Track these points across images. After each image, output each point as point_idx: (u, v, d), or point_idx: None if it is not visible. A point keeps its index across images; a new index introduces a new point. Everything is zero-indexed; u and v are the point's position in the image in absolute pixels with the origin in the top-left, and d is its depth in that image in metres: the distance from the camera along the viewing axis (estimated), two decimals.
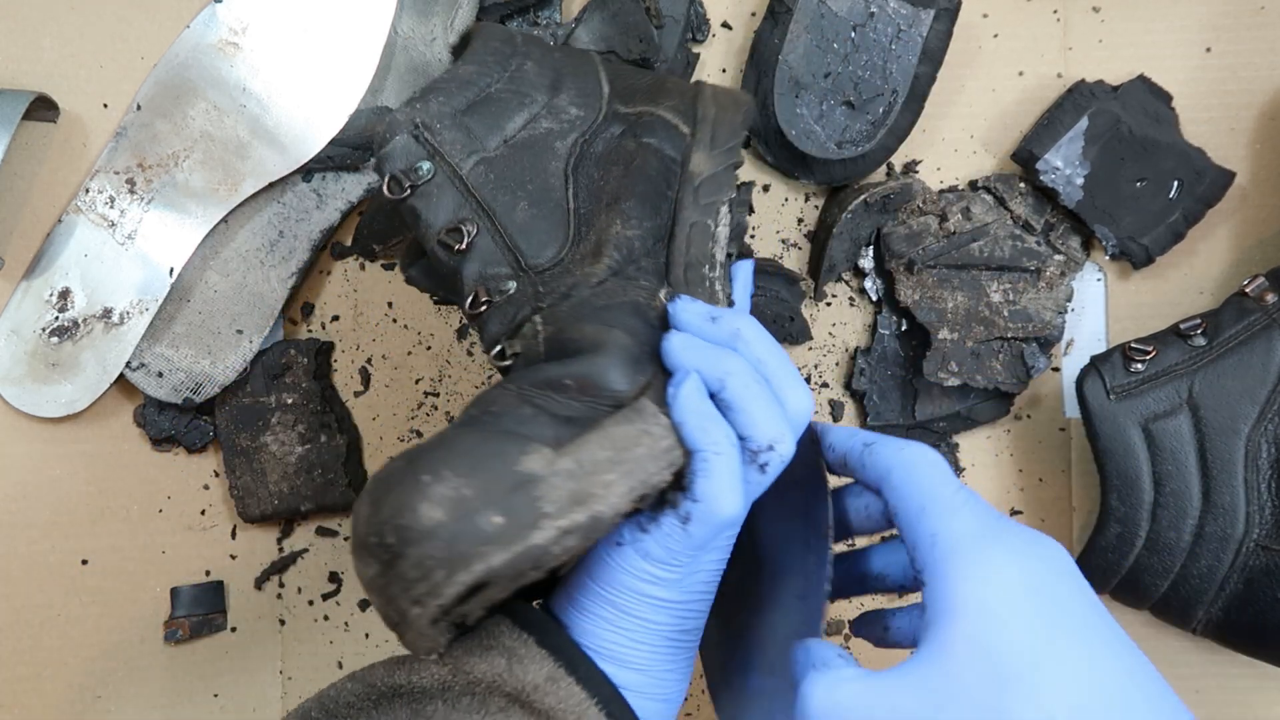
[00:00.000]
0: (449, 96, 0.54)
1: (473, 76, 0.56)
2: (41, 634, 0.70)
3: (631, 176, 0.52)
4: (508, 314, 0.51)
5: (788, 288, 0.69)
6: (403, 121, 0.53)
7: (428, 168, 0.52)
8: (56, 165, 0.69)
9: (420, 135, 0.53)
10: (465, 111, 0.54)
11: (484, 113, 0.54)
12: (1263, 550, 0.62)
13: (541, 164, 0.53)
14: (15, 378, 0.68)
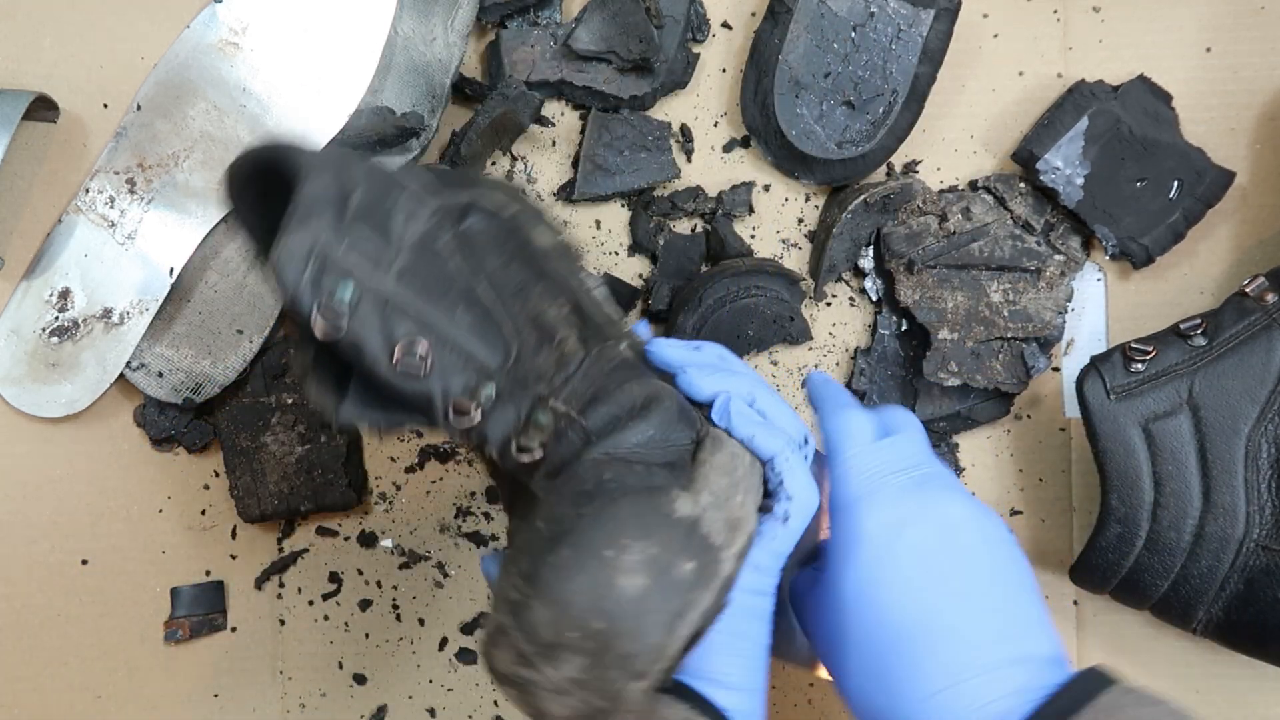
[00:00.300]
0: (321, 217, 0.48)
1: (323, 189, 0.49)
2: (42, 634, 0.70)
3: (517, 259, 0.52)
4: (508, 414, 0.49)
5: (788, 288, 0.69)
6: (293, 257, 0.46)
7: (351, 291, 0.47)
8: (56, 165, 0.69)
9: (325, 259, 0.47)
10: (344, 226, 0.48)
11: (367, 219, 0.49)
12: (1263, 550, 0.62)
13: (440, 264, 0.50)
14: (15, 378, 0.68)
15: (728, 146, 0.71)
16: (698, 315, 0.67)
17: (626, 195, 0.71)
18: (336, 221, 0.47)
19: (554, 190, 0.71)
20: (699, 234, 0.71)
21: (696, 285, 0.68)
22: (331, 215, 0.47)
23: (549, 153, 0.72)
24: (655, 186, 0.71)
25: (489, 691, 0.72)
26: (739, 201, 0.70)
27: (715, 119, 0.72)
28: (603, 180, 0.70)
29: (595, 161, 0.70)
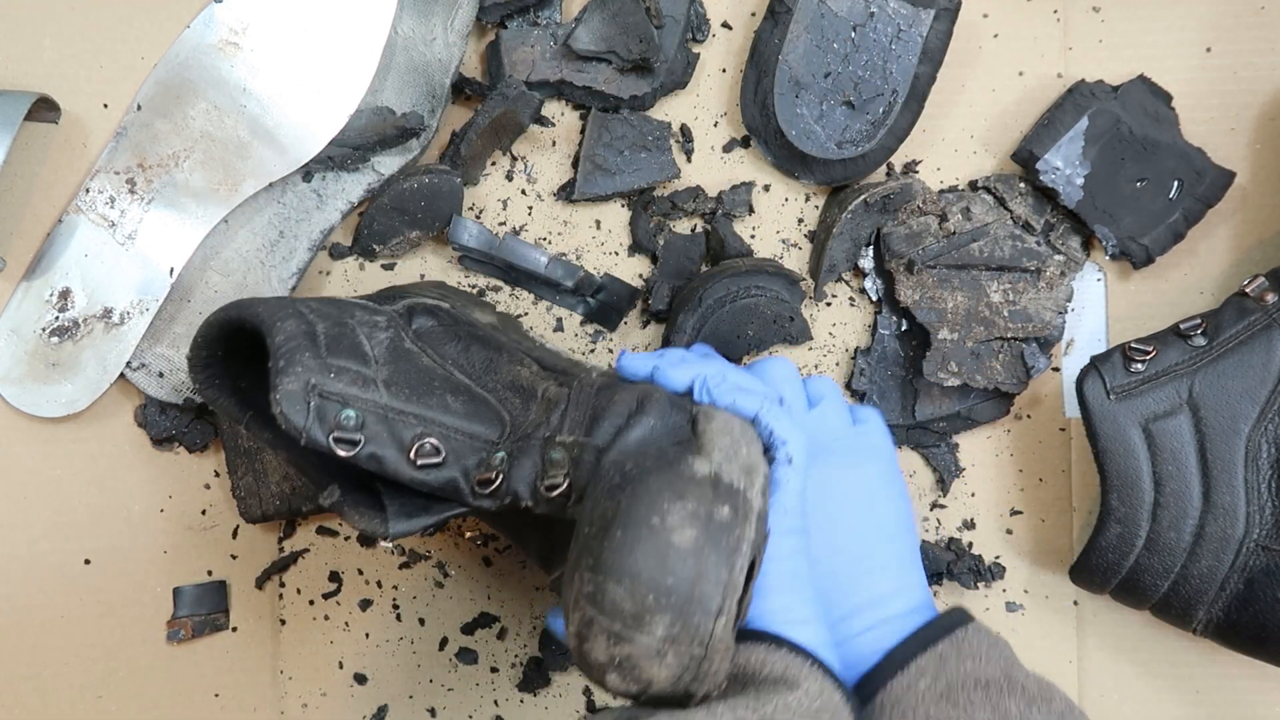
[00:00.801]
0: (303, 357, 0.53)
1: (289, 337, 0.54)
2: (43, 634, 0.70)
3: (474, 342, 0.60)
4: (526, 466, 0.54)
5: (788, 288, 0.69)
6: (295, 396, 0.52)
7: (353, 415, 0.53)
8: (57, 165, 0.69)
9: (320, 396, 0.52)
10: (323, 360, 0.54)
11: (337, 351, 0.54)
12: (1263, 550, 0.62)
13: (414, 364, 0.56)
14: (16, 378, 0.68)
15: (728, 146, 0.71)
16: (698, 315, 0.67)
17: (626, 195, 0.71)
18: (316, 358, 0.53)
19: (554, 190, 0.72)
20: (699, 234, 0.71)
21: (696, 285, 0.68)
22: (310, 354, 0.53)
23: (549, 153, 0.72)
24: (655, 186, 0.71)
25: (489, 691, 0.72)
26: (739, 201, 0.70)
27: (715, 119, 0.72)
28: (603, 180, 0.70)
29: (595, 161, 0.70)
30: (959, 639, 0.54)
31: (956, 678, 0.53)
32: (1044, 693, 0.54)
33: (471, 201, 0.71)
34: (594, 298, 0.71)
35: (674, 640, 0.46)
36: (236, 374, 0.60)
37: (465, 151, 0.69)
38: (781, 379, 0.60)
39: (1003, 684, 0.53)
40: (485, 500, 0.54)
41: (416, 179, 0.68)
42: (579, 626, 0.48)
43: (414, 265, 0.72)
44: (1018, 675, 0.54)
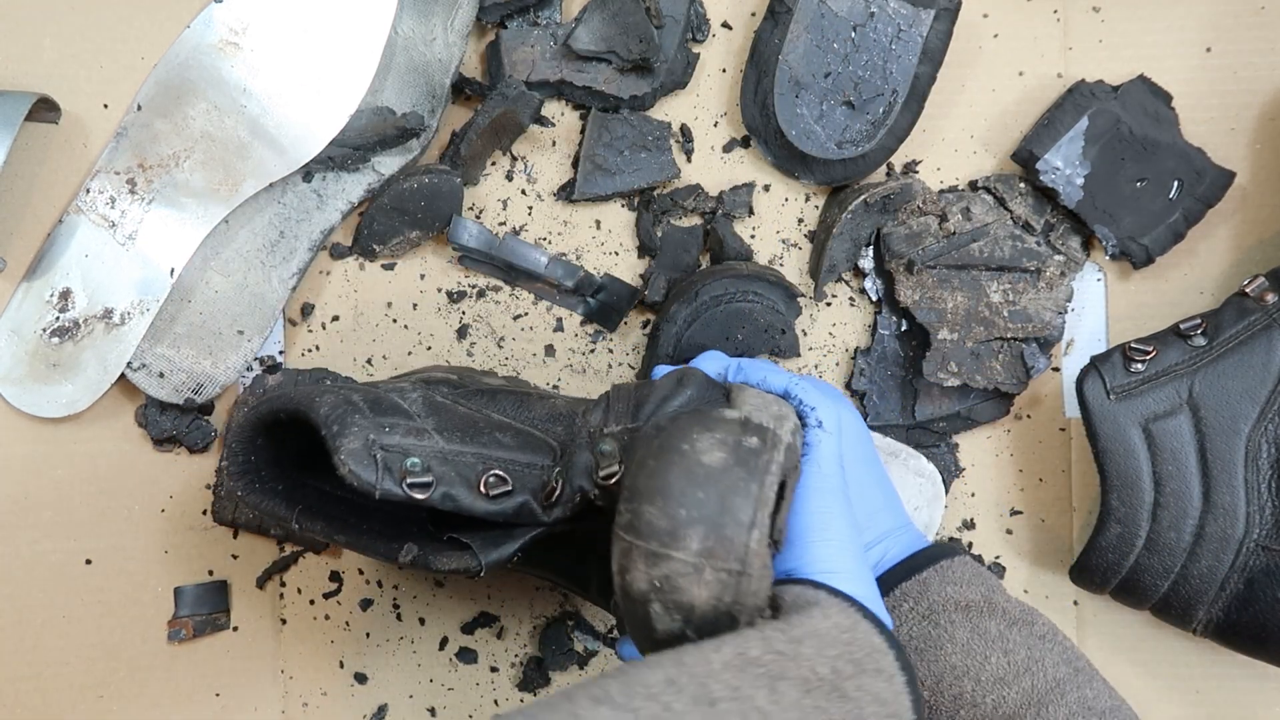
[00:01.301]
0: (351, 418, 0.55)
1: (335, 404, 0.56)
2: (44, 634, 0.70)
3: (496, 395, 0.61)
4: (580, 465, 0.56)
5: (786, 301, 0.68)
6: (359, 455, 0.53)
7: (417, 462, 0.54)
8: (57, 166, 0.69)
9: (382, 450, 0.54)
10: (374, 418, 0.55)
11: (380, 411, 0.56)
12: (1263, 550, 0.62)
13: (454, 412, 0.58)
14: (16, 378, 0.68)
15: (728, 146, 0.71)
16: (692, 309, 0.67)
17: (626, 195, 0.71)
18: (365, 418, 0.55)
19: (554, 190, 0.72)
20: (697, 228, 0.71)
21: (695, 279, 0.68)
22: (359, 415, 0.55)
23: (549, 153, 0.72)
24: (655, 187, 0.71)
25: (489, 691, 0.72)
26: (739, 203, 0.70)
27: (715, 119, 0.72)
28: (603, 180, 0.70)
29: (595, 161, 0.70)
30: (944, 568, 0.57)
31: (938, 601, 0.56)
32: (1025, 616, 0.56)
33: (471, 201, 0.71)
34: (594, 298, 0.71)
35: (710, 554, 0.47)
36: (275, 476, 0.60)
37: (465, 151, 0.69)
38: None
39: (983, 606, 0.55)
40: (556, 510, 0.56)
41: (416, 179, 0.68)
42: (619, 561, 0.49)
43: (414, 265, 0.72)
44: (998, 599, 0.56)
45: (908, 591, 0.57)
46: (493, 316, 0.72)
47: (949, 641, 0.55)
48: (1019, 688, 0.53)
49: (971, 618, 0.55)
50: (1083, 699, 0.53)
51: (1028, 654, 0.54)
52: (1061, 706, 0.53)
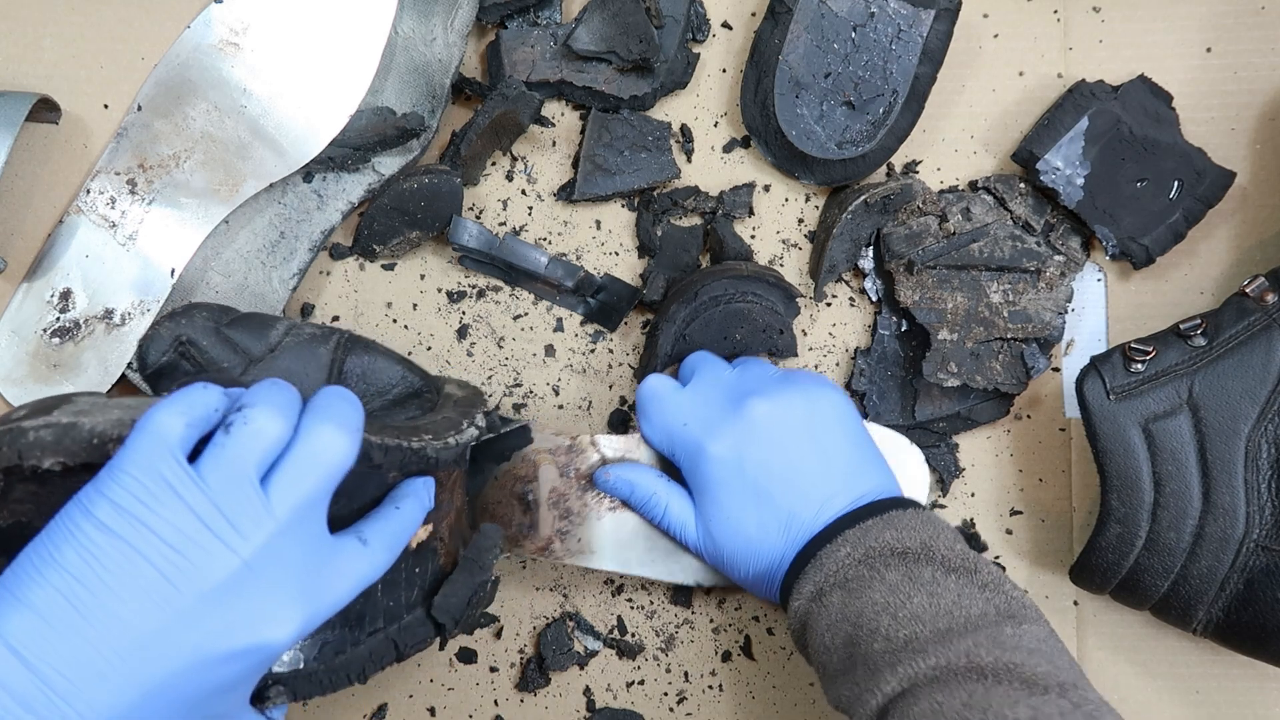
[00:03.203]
0: (203, 315, 0.56)
1: (217, 307, 0.58)
2: None
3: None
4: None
5: (785, 302, 0.68)
6: (166, 336, 0.53)
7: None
8: (57, 166, 0.69)
9: (186, 351, 0.54)
10: (223, 328, 0.56)
11: (246, 326, 0.56)
12: (1263, 551, 0.62)
13: (311, 369, 0.56)
14: (17, 378, 0.68)
15: (728, 146, 0.71)
16: (691, 308, 0.67)
17: (626, 195, 0.71)
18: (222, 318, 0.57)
19: (554, 190, 0.72)
20: (697, 227, 0.71)
21: (695, 279, 0.68)
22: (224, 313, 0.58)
23: (549, 153, 0.72)
24: (655, 187, 0.71)
25: (489, 691, 0.72)
26: (739, 203, 0.70)
27: (715, 119, 0.72)
28: (603, 180, 0.70)
29: (595, 161, 0.70)
30: (892, 517, 0.58)
31: (875, 546, 0.57)
32: (967, 564, 0.56)
33: (471, 201, 0.71)
34: (594, 298, 0.71)
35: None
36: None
37: (465, 151, 0.69)
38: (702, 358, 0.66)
39: (919, 553, 0.56)
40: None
41: (416, 179, 0.68)
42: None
43: (414, 265, 0.72)
44: (939, 547, 0.57)
45: (848, 538, 0.58)
46: (493, 317, 0.72)
47: (879, 581, 0.55)
48: (934, 626, 0.53)
49: (907, 563, 0.56)
50: (997, 636, 0.52)
51: (956, 598, 0.54)
52: (966, 638, 0.52)
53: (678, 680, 0.71)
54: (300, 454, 0.47)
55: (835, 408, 0.62)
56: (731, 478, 0.61)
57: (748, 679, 0.71)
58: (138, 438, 0.44)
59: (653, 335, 0.69)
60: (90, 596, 0.43)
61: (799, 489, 0.60)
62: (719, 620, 0.71)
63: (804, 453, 0.61)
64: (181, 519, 0.44)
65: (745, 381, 0.63)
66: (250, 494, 0.45)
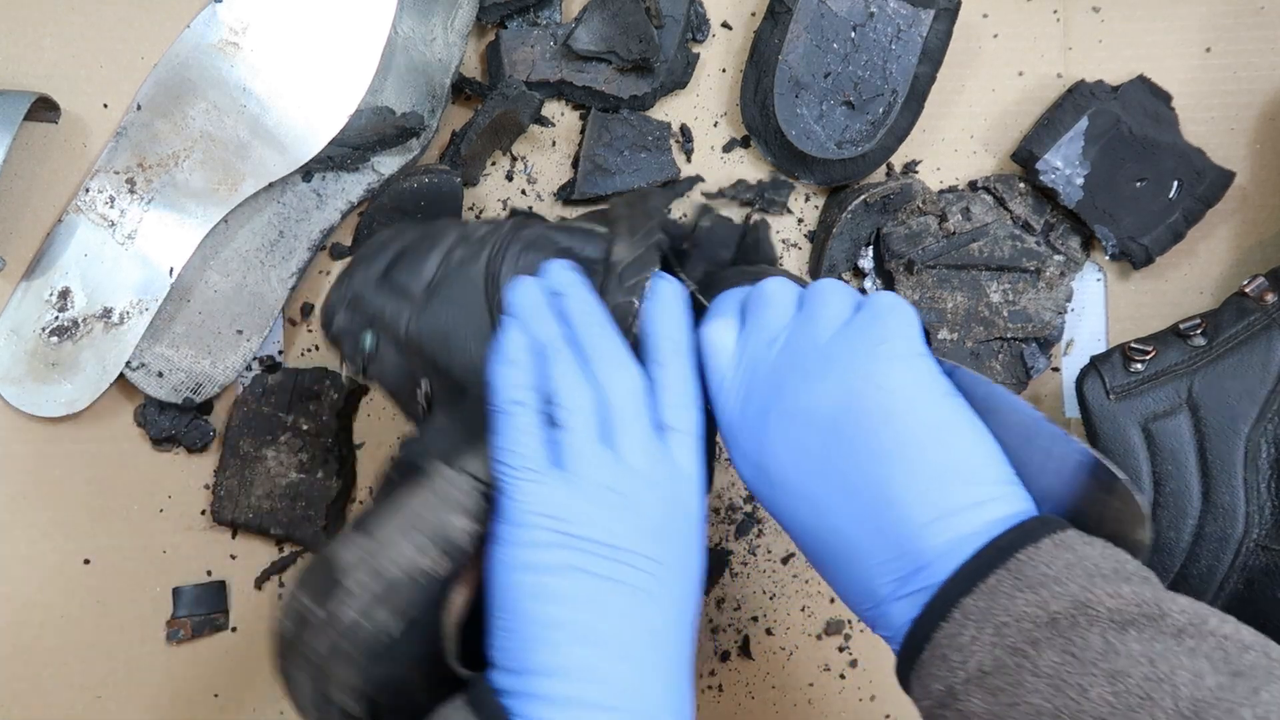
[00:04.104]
0: (368, 265, 0.56)
1: (388, 239, 0.57)
2: (42, 634, 0.70)
3: None
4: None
5: None
6: (336, 303, 0.55)
7: (370, 340, 0.54)
8: (57, 165, 0.69)
9: (355, 310, 0.55)
10: (385, 273, 0.55)
11: (402, 266, 0.55)
12: (1262, 550, 0.62)
13: (466, 298, 0.55)
14: (15, 377, 0.68)
15: (728, 146, 0.71)
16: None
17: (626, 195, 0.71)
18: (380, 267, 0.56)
19: (554, 190, 0.72)
20: (736, 227, 0.71)
21: (729, 275, 0.68)
22: (380, 261, 0.57)
23: (549, 153, 0.72)
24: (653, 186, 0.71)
25: None
26: (778, 201, 0.70)
27: (715, 119, 0.72)
28: (603, 180, 0.70)
29: (595, 161, 0.70)
30: (1021, 565, 0.41)
31: (1010, 621, 0.40)
32: (1146, 608, 0.39)
33: (471, 201, 0.71)
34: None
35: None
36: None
37: (465, 151, 0.69)
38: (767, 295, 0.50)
39: (1074, 615, 0.39)
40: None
41: (416, 179, 0.68)
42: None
43: None
44: (1099, 596, 0.40)
45: (970, 612, 0.41)
46: None
47: (1031, 674, 0.39)
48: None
49: (1062, 633, 0.39)
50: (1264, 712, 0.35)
51: (1149, 671, 0.37)
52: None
53: None
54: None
55: (916, 387, 0.45)
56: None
57: (747, 679, 0.71)
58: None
59: None
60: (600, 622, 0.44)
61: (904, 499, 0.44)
62: (718, 620, 0.71)
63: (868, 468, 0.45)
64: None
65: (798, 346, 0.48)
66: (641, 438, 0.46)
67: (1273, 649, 0.38)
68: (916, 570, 0.43)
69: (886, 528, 0.44)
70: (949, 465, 0.44)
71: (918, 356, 0.46)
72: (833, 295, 0.48)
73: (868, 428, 0.45)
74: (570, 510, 0.44)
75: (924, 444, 0.44)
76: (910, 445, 0.44)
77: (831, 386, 0.45)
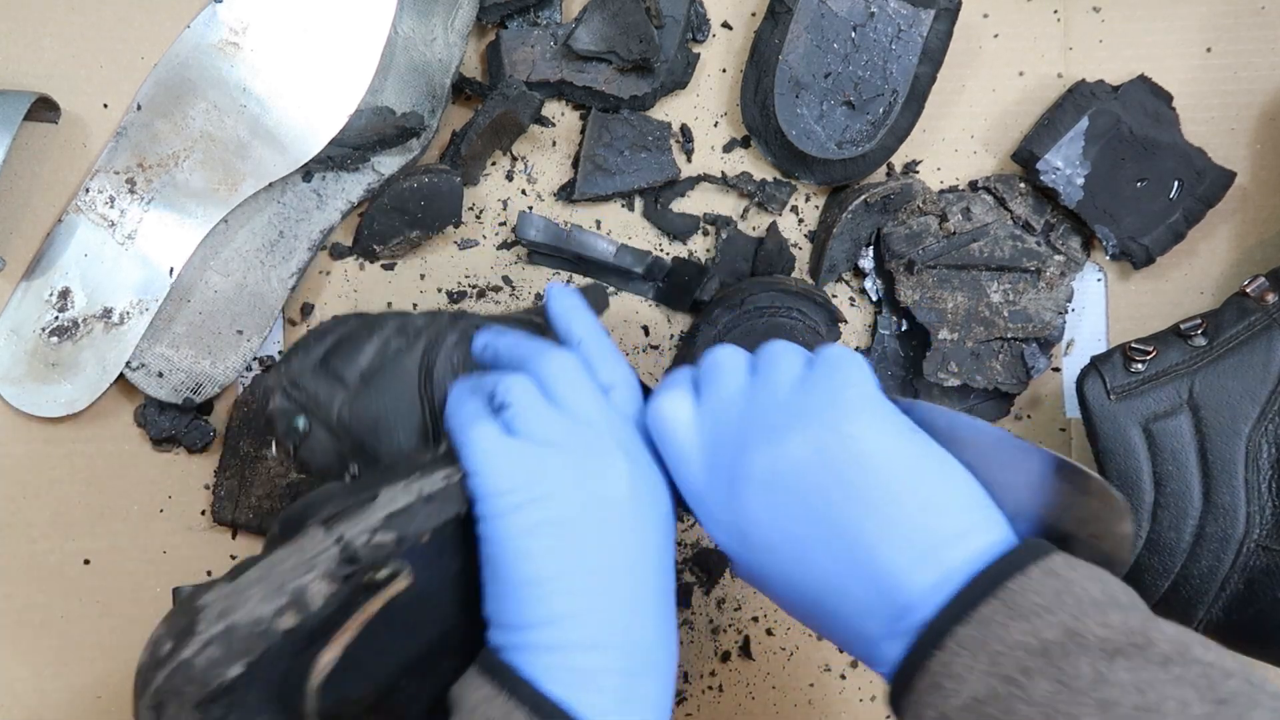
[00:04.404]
0: (307, 350, 0.58)
1: (329, 327, 0.59)
2: (42, 634, 0.70)
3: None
4: None
5: (828, 324, 0.68)
6: (273, 385, 0.57)
7: (303, 423, 0.56)
8: (57, 165, 0.69)
9: (290, 393, 0.57)
10: (324, 359, 0.58)
11: (340, 352, 0.58)
12: (1263, 550, 0.62)
13: (399, 387, 0.57)
14: (15, 377, 0.68)
15: (728, 146, 0.71)
16: (734, 315, 0.67)
17: (626, 195, 0.71)
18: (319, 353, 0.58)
19: (554, 190, 0.72)
20: (755, 237, 0.71)
21: (744, 287, 0.68)
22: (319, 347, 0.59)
23: (549, 153, 0.72)
24: (655, 186, 0.71)
25: None
26: (778, 199, 0.70)
27: (715, 119, 0.72)
28: (603, 180, 0.70)
29: (595, 161, 0.70)
30: (1011, 594, 0.42)
31: (1003, 650, 0.41)
32: (1134, 636, 0.40)
33: (471, 201, 0.71)
34: (664, 281, 0.71)
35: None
36: None
37: (465, 151, 0.69)
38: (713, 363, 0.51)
39: (1065, 643, 0.40)
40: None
41: (416, 179, 0.68)
42: None
43: (414, 265, 0.72)
44: (1089, 623, 0.41)
45: (964, 641, 0.42)
46: None
47: (1023, 704, 0.40)
48: None
49: (1054, 662, 0.40)
50: None
51: (1139, 701, 0.38)
52: None
53: (677, 680, 0.71)
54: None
55: (880, 432, 0.47)
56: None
57: (747, 679, 0.71)
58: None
59: (691, 336, 0.69)
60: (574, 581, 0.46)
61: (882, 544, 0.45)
62: (718, 620, 0.71)
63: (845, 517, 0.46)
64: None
65: (757, 407, 0.49)
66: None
67: (1253, 675, 0.39)
68: (906, 609, 0.44)
69: (872, 571, 0.45)
70: (925, 502, 0.45)
71: (876, 400, 0.48)
72: (783, 355, 0.50)
73: (839, 477, 0.46)
74: (530, 470, 0.47)
75: (896, 484, 0.46)
76: (883, 488, 0.45)
77: (798, 440, 0.47)
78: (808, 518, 0.46)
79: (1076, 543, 0.47)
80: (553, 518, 0.46)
